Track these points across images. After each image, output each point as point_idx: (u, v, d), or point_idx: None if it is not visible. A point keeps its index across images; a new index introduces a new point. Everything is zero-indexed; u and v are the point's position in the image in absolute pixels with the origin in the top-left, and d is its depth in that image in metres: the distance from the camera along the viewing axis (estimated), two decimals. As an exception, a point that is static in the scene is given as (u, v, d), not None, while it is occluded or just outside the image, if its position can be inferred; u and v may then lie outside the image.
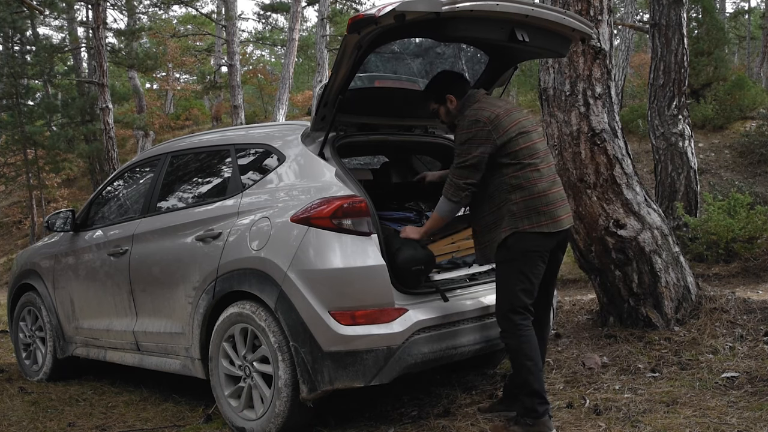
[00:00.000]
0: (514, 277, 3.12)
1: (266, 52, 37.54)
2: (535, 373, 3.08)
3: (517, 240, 3.09)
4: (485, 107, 3.16)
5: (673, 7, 8.39)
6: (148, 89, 28.71)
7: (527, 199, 3.08)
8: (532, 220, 3.08)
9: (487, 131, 3.06)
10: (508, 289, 3.14)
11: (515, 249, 3.10)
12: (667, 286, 4.62)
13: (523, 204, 3.08)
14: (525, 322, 3.11)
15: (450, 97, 3.30)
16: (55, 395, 4.54)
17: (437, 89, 3.36)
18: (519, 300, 3.11)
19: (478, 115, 3.11)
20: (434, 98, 3.37)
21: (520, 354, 3.09)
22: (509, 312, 3.11)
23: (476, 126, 3.08)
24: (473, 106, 3.19)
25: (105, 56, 16.30)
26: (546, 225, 3.10)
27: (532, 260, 3.13)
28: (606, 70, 4.77)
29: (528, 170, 3.10)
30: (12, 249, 18.28)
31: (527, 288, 3.13)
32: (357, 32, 2.95)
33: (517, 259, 3.12)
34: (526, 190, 3.09)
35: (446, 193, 3.16)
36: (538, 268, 3.16)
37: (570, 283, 8.12)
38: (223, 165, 3.97)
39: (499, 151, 3.08)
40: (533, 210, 3.08)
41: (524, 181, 3.10)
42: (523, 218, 3.08)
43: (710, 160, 12.07)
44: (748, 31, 28.24)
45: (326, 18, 18.93)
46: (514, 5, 2.98)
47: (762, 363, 3.80)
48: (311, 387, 3.12)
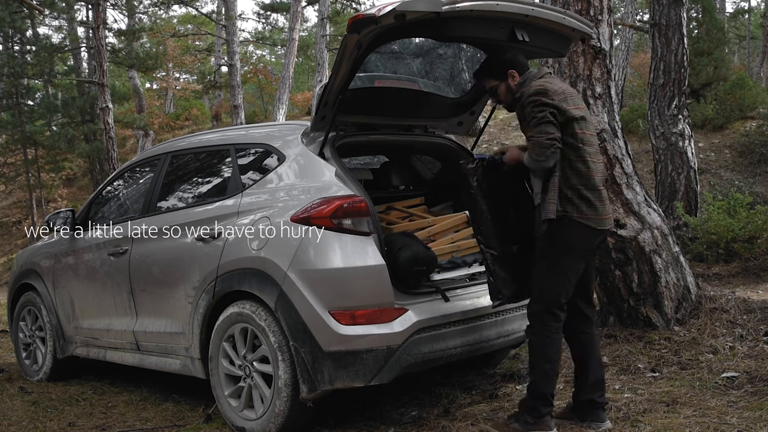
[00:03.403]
0: (555, 273, 3.02)
1: (266, 52, 37.54)
2: (550, 378, 3.01)
3: (564, 229, 2.99)
4: (553, 82, 3.06)
5: (673, 7, 8.39)
6: (148, 89, 28.72)
7: (582, 188, 3.00)
8: (581, 210, 2.99)
9: (555, 102, 2.96)
10: (546, 285, 3.04)
11: (561, 241, 3.01)
12: (667, 285, 4.62)
13: (578, 192, 2.99)
14: (556, 324, 3.03)
15: (512, 73, 3.15)
16: (55, 395, 4.54)
17: (499, 64, 3.19)
18: (556, 299, 3.02)
19: (546, 86, 3.00)
20: (495, 75, 3.20)
21: (541, 355, 3.03)
22: (542, 310, 3.03)
23: (545, 95, 2.96)
24: (538, 80, 3.07)
25: (105, 56, 16.29)
26: (594, 220, 3.02)
27: (575, 257, 3.04)
28: (606, 70, 4.77)
29: (588, 159, 3.02)
30: (12, 249, 18.27)
31: (566, 287, 3.03)
32: (357, 32, 2.95)
33: (560, 254, 3.02)
34: (583, 178, 3.00)
35: (531, 153, 2.96)
36: (579, 266, 3.06)
37: (570, 283, 8.10)
38: (223, 165, 3.97)
39: (565, 128, 2.97)
40: (585, 200, 3.00)
41: (584, 169, 3.01)
42: (574, 205, 2.99)
43: (710, 160, 12.06)
44: (748, 31, 28.24)
45: (326, 18, 18.92)
46: (514, 5, 2.98)
47: (762, 363, 3.80)
48: (311, 387, 3.12)
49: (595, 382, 3.15)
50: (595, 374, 3.16)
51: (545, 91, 2.96)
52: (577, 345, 3.25)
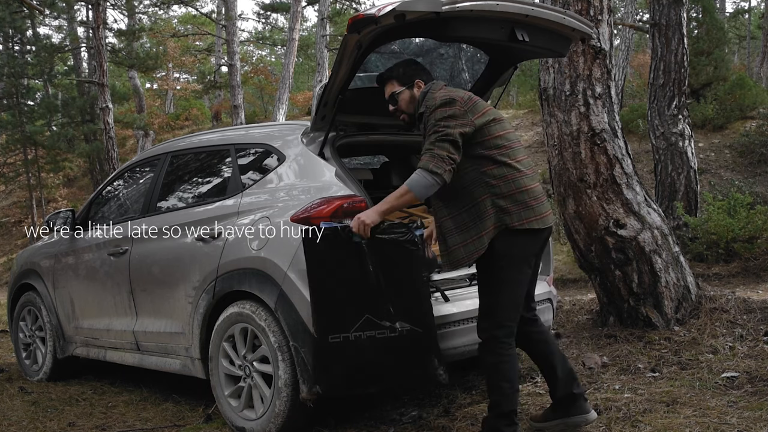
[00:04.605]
0: (503, 287, 2.89)
1: (266, 52, 37.55)
2: (509, 396, 2.86)
3: (506, 241, 2.84)
4: (456, 91, 2.96)
5: (673, 7, 8.39)
6: (148, 89, 28.72)
7: (514, 192, 2.84)
8: (521, 216, 2.84)
9: (464, 111, 2.84)
10: (494, 300, 2.90)
11: (504, 253, 2.85)
12: (667, 285, 4.62)
13: (511, 198, 2.84)
14: (509, 339, 2.89)
15: (419, 82, 3.08)
16: (55, 395, 4.54)
17: (407, 72, 3.11)
18: (506, 314, 2.89)
19: (452, 94, 2.88)
20: (402, 80, 3.10)
21: (498, 374, 2.88)
22: (494, 326, 2.89)
23: (453, 105, 2.84)
24: (441, 90, 2.96)
25: (105, 56, 16.30)
26: (536, 221, 2.87)
27: (522, 266, 2.90)
28: (606, 70, 4.77)
29: (509, 161, 2.87)
30: (12, 249, 18.28)
31: (516, 299, 2.91)
32: (357, 32, 2.94)
33: (505, 267, 2.87)
34: (511, 182, 2.85)
35: (427, 165, 2.76)
36: (526, 274, 2.93)
37: (570, 283, 8.12)
38: (223, 165, 3.97)
39: (476, 136, 2.85)
40: (522, 204, 2.85)
41: (508, 172, 2.85)
42: (512, 213, 2.83)
43: (710, 160, 12.06)
44: (748, 31, 28.24)
45: (326, 18, 18.92)
46: (514, 5, 2.98)
47: (762, 363, 3.80)
48: (311, 387, 3.12)
49: (565, 375, 3.05)
50: (563, 368, 3.06)
51: (452, 100, 2.85)
52: (532, 347, 3.15)
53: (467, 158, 2.85)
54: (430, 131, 2.84)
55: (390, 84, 3.14)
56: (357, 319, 2.89)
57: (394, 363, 2.93)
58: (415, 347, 2.90)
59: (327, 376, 2.98)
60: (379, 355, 2.90)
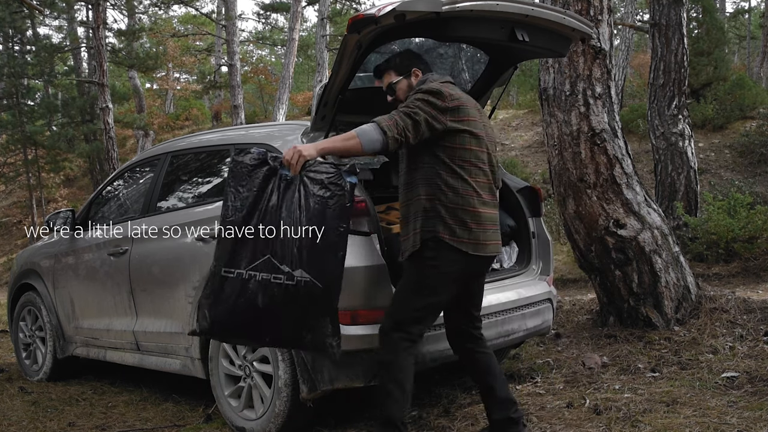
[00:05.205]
0: (417, 295, 2.78)
1: (266, 52, 37.56)
2: (398, 403, 2.72)
3: (436, 250, 2.74)
4: (451, 87, 2.87)
5: (673, 7, 8.39)
6: (148, 89, 28.72)
7: (458, 207, 2.75)
8: (455, 232, 2.74)
9: (443, 107, 2.74)
10: (403, 302, 2.81)
11: (430, 260, 2.75)
12: (667, 285, 4.62)
13: (452, 211, 2.75)
14: (406, 343, 2.77)
15: (416, 71, 3.03)
16: (55, 395, 4.54)
17: (404, 62, 3.06)
18: (409, 321, 2.77)
19: (443, 88, 2.79)
20: (399, 70, 3.05)
21: (388, 373, 2.75)
22: (393, 327, 2.78)
23: (437, 96, 2.75)
24: (438, 83, 2.88)
25: (105, 56, 16.30)
26: (469, 244, 2.76)
27: (445, 281, 2.78)
28: (606, 70, 4.77)
29: (467, 177, 2.77)
30: (12, 249, 18.28)
31: (427, 312, 2.79)
32: (357, 32, 2.94)
33: (426, 273, 2.76)
34: (459, 197, 2.76)
35: (381, 121, 2.66)
36: (448, 292, 2.80)
37: (570, 283, 8.12)
38: (223, 165, 3.97)
39: (444, 138, 2.76)
40: (460, 222, 2.75)
41: (461, 187, 2.76)
42: (447, 225, 2.73)
43: (710, 160, 12.07)
44: (748, 31, 28.25)
45: (326, 18, 18.92)
46: (514, 5, 2.98)
47: (762, 363, 3.80)
48: (311, 387, 3.12)
49: (504, 398, 2.96)
50: (502, 391, 2.97)
51: (439, 92, 2.76)
52: (475, 367, 3.04)
53: (429, 154, 2.79)
54: (403, 104, 2.76)
55: (387, 74, 3.10)
56: (257, 257, 2.62)
57: (283, 318, 2.63)
58: (310, 305, 2.61)
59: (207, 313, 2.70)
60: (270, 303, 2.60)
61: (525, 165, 13.27)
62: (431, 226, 2.75)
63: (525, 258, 3.94)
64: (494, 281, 3.66)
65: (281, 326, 2.66)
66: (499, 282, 3.68)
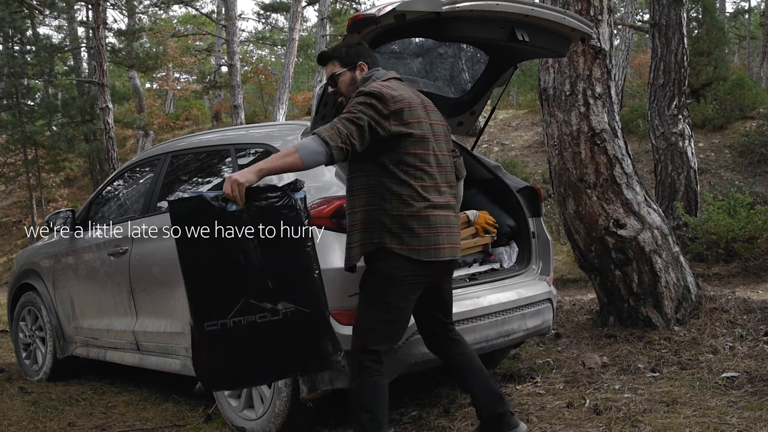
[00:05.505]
0: (376, 309, 2.66)
1: (266, 52, 37.56)
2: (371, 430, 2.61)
3: (387, 261, 2.62)
4: (396, 88, 2.70)
5: (673, 7, 8.39)
6: (148, 89, 28.71)
7: (404, 216, 2.61)
8: (403, 241, 2.61)
9: (388, 112, 2.60)
10: (366, 319, 2.68)
11: (384, 273, 2.63)
12: (667, 285, 4.62)
13: (398, 220, 2.61)
14: (375, 366, 2.64)
15: (362, 65, 2.85)
16: (55, 395, 4.54)
17: (350, 53, 2.87)
18: (374, 338, 2.65)
19: (386, 91, 2.63)
20: (344, 61, 2.86)
21: (359, 403, 2.64)
22: (360, 350, 2.66)
23: (380, 100, 2.59)
24: (382, 82, 2.73)
25: (105, 56, 16.30)
26: (421, 251, 2.62)
27: (404, 292, 2.65)
28: (606, 70, 4.77)
29: (414, 183, 2.63)
30: (12, 249, 18.28)
31: (391, 326, 2.67)
32: (357, 32, 2.94)
33: (382, 287, 2.65)
34: (404, 205, 2.61)
35: (321, 132, 2.51)
36: (407, 299, 2.68)
37: (570, 283, 8.12)
38: (223, 165, 3.97)
39: (388, 144, 2.62)
40: (407, 230, 2.61)
41: (406, 193, 2.62)
42: (394, 234, 2.60)
43: (710, 160, 12.06)
44: (748, 31, 28.25)
45: (326, 18, 18.92)
46: (514, 5, 2.98)
47: (762, 363, 3.80)
48: (311, 387, 3.12)
49: (488, 395, 2.90)
50: (486, 389, 2.91)
51: (381, 96, 2.60)
52: (455, 369, 2.99)
53: (371, 161, 2.65)
54: (344, 111, 2.62)
55: (331, 64, 2.90)
56: (235, 303, 2.53)
57: (282, 350, 2.59)
58: (303, 331, 2.57)
59: (208, 371, 2.64)
60: (264, 342, 2.55)
61: (525, 165, 13.27)
62: (377, 237, 2.62)
63: (525, 258, 3.94)
64: (494, 281, 3.66)
65: (282, 359, 2.63)
66: (499, 282, 3.68)
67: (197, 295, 2.58)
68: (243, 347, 2.57)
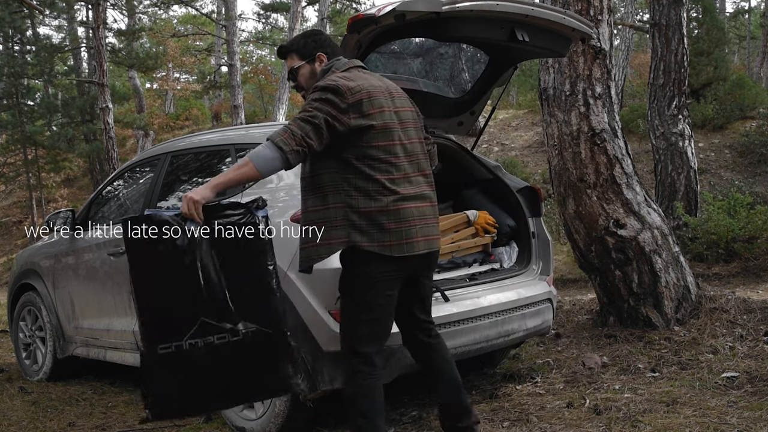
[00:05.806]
0: (358, 309, 2.58)
1: (266, 52, 37.56)
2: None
3: (360, 260, 2.53)
4: (355, 78, 2.58)
5: (673, 7, 8.39)
6: (148, 89, 28.70)
7: (372, 211, 2.49)
8: (374, 238, 2.49)
9: (346, 105, 2.48)
10: (350, 321, 2.61)
11: (358, 272, 2.55)
12: (667, 285, 4.62)
13: (366, 216, 2.49)
14: (368, 367, 2.57)
15: (321, 56, 2.73)
16: (55, 395, 4.54)
17: (308, 45, 2.76)
18: (361, 339, 2.57)
19: (342, 83, 2.51)
20: (302, 54, 2.76)
21: (354, 407, 2.58)
22: (350, 353, 2.60)
23: (336, 94, 2.48)
24: (340, 73, 2.62)
25: (105, 56, 16.29)
26: (393, 246, 2.50)
27: (382, 289, 2.56)
28: (606, 70, 4.77)
29: (380, 177, 2.51)
30: (12, 249, 18.28)
31: (376, 326, 2.59)
32: (357, 32, 2.95)
33: (360, 287, 2.56)
34: (371, 200, 2.50)
35: (274, 137, 2.42)
36: (387, 295, 2.57)
37: (570, 283, 8.12)
38: (223, 165, 3.97)
39: (350, 138, 2.50)
40: (377, 226, 2.49)
41: (372, 188, 2.50)
42: (365, 232, 2.49)
43: (710, 160, 12.06)
44: (748, 31, 28.24)
45: (326, 18, 18.91)
46: (514, 5, 2.98)
47: (762, 363, 3.80)
48: (311, 387, 3.12)
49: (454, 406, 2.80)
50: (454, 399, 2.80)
51: (337, 89, 2.48)
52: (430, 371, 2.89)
53: (333, 158, 2.53)
54: (300, 110, 2.53)
55: (290, 57, 2.80)
56: (192, 324, 2.43)
57: (240, 373, 2.49)
58: (263, 352, 2.48)
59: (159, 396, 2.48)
60: (222, 364, 2.45)
61: (525, 165, 13.27)
62: (345, 235, 2.50)
63: (525, 258, 3.94)
64: (494, 281, 3.66)
65: (242, 382, 2.53)
66: (499, 282, 3.69)
67: (149, 315, 2.46)
68: (199, 371, 2.45)
